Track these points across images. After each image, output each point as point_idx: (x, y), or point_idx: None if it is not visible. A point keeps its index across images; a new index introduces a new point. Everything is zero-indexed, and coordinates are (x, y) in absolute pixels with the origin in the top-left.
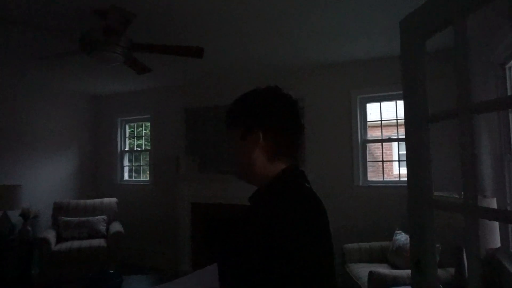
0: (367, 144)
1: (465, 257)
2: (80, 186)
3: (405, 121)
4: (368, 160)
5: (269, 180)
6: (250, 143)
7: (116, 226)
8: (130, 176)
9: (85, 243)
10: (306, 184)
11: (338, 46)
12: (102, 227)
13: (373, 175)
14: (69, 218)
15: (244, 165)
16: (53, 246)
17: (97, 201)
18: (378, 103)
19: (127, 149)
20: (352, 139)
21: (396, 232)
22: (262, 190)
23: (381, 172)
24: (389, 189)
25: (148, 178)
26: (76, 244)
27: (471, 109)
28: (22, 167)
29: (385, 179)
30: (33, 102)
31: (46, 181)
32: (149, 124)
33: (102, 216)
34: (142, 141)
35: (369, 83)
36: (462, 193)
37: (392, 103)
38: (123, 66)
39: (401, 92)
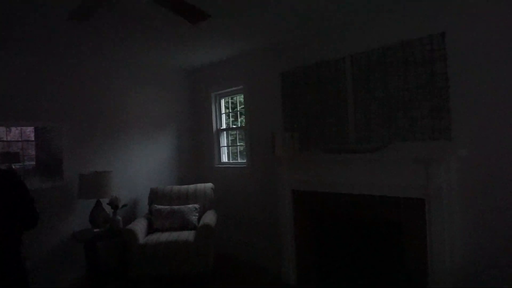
0: None
1: None
2: (177, 170)
3: None
4: None
5: None
6: None
7: (208, 217)
8: (228, 158)
9: (173, 235)
10: None
11: None
12: (194, 217)
13: None
14: (160, 207)
15: None
16: (140, 239)
17: (191, 187)
18: None
19: (223, 127)
20: None
21: None
22: None
23: None
24: None
25: (245, 160)
26: (163, 237)
27: None
28: (117, 151)
29: None
30: (124, 80)
31: (144, 165)
32: (242, 96)
33: (195, 205)
34: (238, 118)
35: None
36: None
37: None
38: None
39: None
